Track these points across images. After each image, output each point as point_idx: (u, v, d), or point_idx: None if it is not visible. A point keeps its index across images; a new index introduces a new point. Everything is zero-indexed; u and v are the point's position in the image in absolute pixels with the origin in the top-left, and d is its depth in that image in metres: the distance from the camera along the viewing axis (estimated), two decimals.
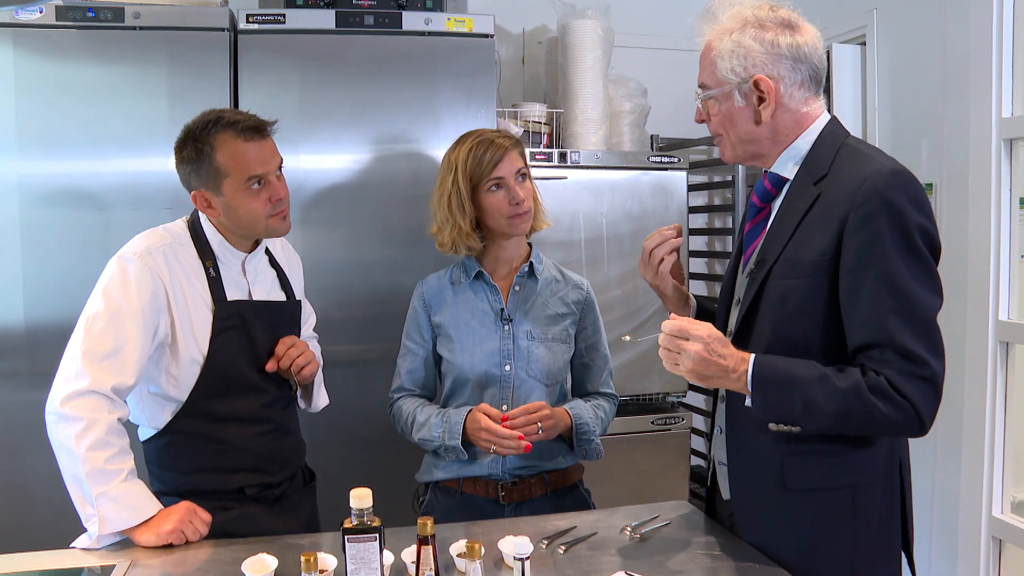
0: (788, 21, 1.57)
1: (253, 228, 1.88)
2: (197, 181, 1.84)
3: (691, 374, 1.47)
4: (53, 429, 1.70)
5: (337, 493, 2.03)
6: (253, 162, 1.82)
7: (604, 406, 2.10)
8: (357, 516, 1.38)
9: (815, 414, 1.44)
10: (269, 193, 1.84)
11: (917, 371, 1.42)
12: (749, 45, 1.53)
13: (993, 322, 2.55)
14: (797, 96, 1.57)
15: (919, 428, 1.44)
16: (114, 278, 1.77)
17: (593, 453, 2.03)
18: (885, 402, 1.41)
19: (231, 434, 1.87)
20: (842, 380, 1.43)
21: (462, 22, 2.73)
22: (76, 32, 2.52)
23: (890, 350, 1.42)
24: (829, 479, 1.54)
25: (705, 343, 1.45)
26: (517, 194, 1.96)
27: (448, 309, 2.05)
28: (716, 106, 1.60)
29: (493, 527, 1.75)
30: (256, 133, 1.83)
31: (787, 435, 1.50)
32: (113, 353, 1.72)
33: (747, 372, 1.46)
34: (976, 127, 2.59)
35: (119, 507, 1.66)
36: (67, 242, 2.54)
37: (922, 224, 1.45)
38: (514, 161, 1.98)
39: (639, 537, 1.71)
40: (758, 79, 1.54)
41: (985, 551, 2.60)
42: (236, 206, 1.83)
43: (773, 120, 1.57)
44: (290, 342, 1.92)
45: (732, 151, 1.64)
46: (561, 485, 2.04)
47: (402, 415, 2.04)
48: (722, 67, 1.55)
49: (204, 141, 1.81)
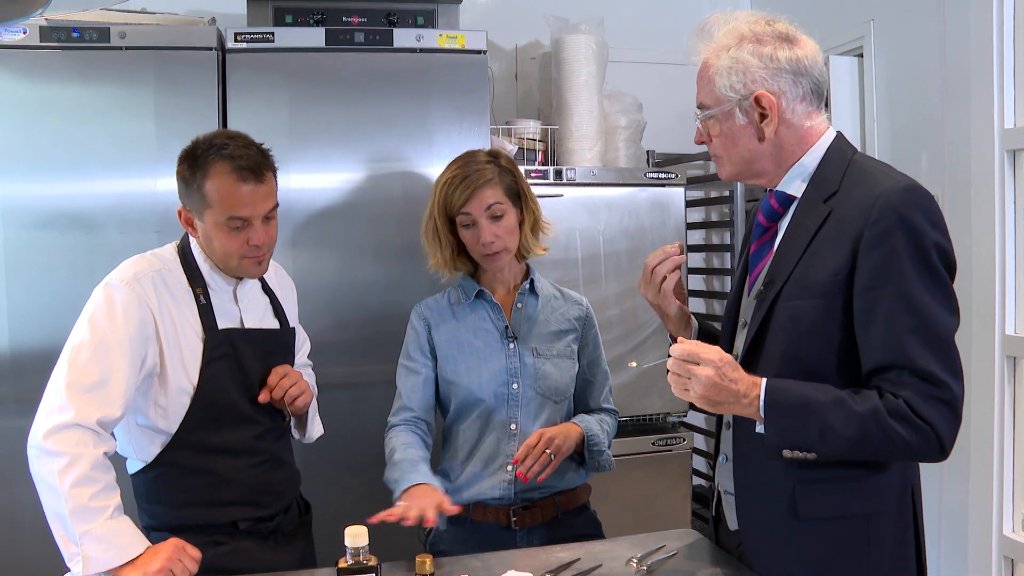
0: (786, 35, 1.52)
1: (225, 263, 1.82)
2: (185, 198, 1.80)
3: (701, 399, 1.41)
4: (35, 464, 1.63)
5: (332, 521, 1.98)
6: (238, 204, 1.75)
7: (608, 420, 2.08)
8: (352, 555, 1.33)
9: (831, 439, 1.39)
10: (248, 236, 1.78)
11: (937, 393, 1.37)
12: (747, 61, 1.49)
13: (1000, 336, 2.51)
14: (799, 111, 1.52)
15: (939, 453, 1.40)
16: (100, 306, 1.72)
17: (606, 464, 2.00)
18: (905, 426, 1.37)
19: (223, 466, 1.81)
20: (859, 404, 1.38)
21: (454, 38, 2.70)
22: (61, 53, 2.48)
23: (908, 372, 1.38)
24: (842, 508, 1.49)
25: (716, 367, 1.39)
26: (483, 235, 1.94)
27: (450, 329, 2.01)
28: (717, 126, 1.55)
29: (496, 560, 1.69)
30: (251, 175, 1.75)
31: (798, 462, 1.44)
32: (99, 385, 1.66)
33: (759, 397, 1.41)
34: (978, 138, 2.56)
35: (104, 546, 1.59)
36: (52, 265, 2.49)
37: (938, 242, 1.41)
38: (484, 199, 1.93)
39: (645, 569, 1.65)
40: (759, 95, 1.49)
41: (996, 571, 2.55)
42: (212, 238, 1.78)
43: (776, 137, 1.52)
44: (283, 372, 1.87)
45: (732, 169, 1.59)
46: (571, 506, 2.01)
47: (388, 448, 1.96)
48: (721, 85, 1.51)
49: (200, 164, 1.75)
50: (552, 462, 1.86)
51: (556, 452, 1.86)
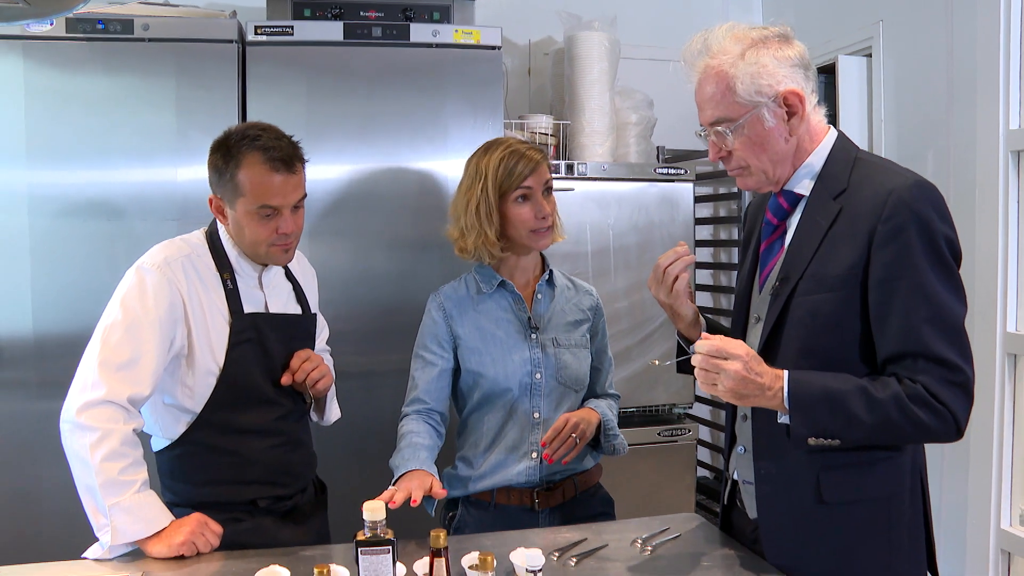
0: (783, 34, 1.56)
1: (254, 250, 1.88)
2: (217, 187, 1.85)
3: (729, 393, 1.46)
4: (68, 438, 1.69)
5: (346, 506, 2.03)
6: (270, 193, 1.81)
7: (614, 405, 2.15)
8: (370, 528, 1.38)
9: (855, 426, 1.44)
10: (278, 224, 1.84)
11: (952, 377, 1.43)
12: (766, 62, 1.51)
13: (1001, 334, 2.56)
14: (813, 103, 1.57)
15: (956, 433, 1.46)
16: (132, 288, 1.77)
17: (620, 448, 2.05)
18: (925, 410, 1.42)
19: (245, 446, 1.86)
20: (880, 391, 1.44)
21: (469, 34, 2.74)
22: (86, 44, 2.54)
23: (924, 359, 1.43)
24: (864, 491, 1.54)
25: (744, 361, 1.44)
26: (544, 207, 1.97)
27: (471, 319, 2.02)
28: (742, 135, 1.55)
29: (506, 539, 1.75)
30: (284, 166, 1.81)
31: (819, 449, 1.49)
32: (130, 364, 1.72)
33: (783, 389, 1.46)
34: (983, 139, 2.59)
35: (132, 518, 1.66)
36: (75, 252, 2.55)
37: (947, 234, 1.47)
38: (543, 173, 1.99)
39: (649, 550, 1.71)
40: (787, 93, 1.52)
41: (994, 565, 2.59)
42: (243, 225, 1.83)
43: (796, 135, 1.56)
44: (305, 355, 1.92)
45: (758, 178, 1.60)
46: (587, 486, 2.07)
47: (399, 434, 1.98)
48: (744, 91, 1.51)
49: (234, 154, 1.80)
50: (577, 445, 1.92)
51: (580, 436, 1.92)
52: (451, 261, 2.70)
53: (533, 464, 1.98)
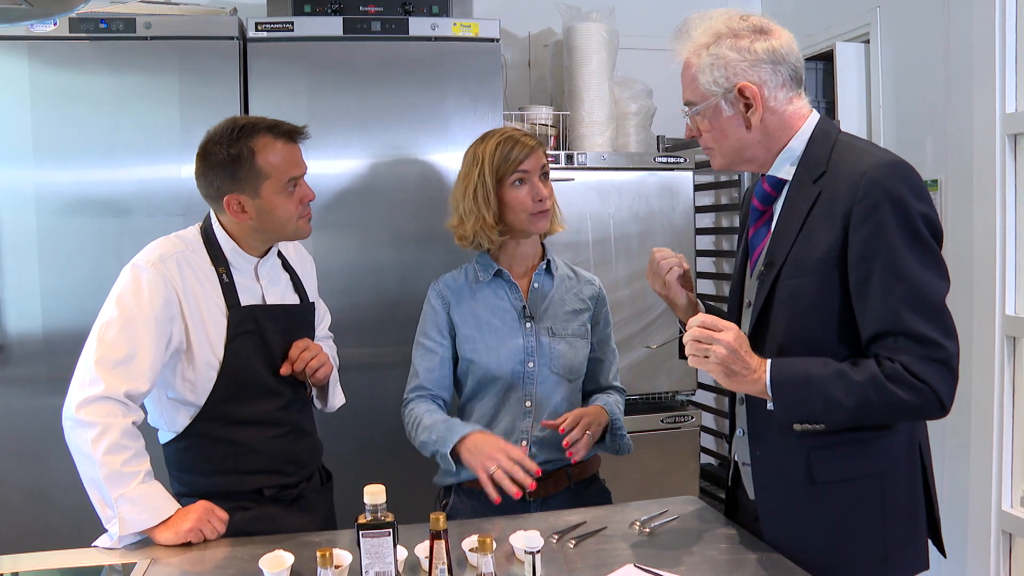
0: (761, 27, 1.60)
1: (283, 229, 1.91)
2: (232, 185, 1.84)
3: (719, 368, 1.49)
4: (70, 434, 1.73)
5: (349, 495, 2.05)
6: (294, 163, 1.87)
7: (620, 400, 2.15)
8: (371, 512, 1.41)
9: (836, 410, 1.47)
10: (302, 195, 1.89)
11: (931, 354, 1.45)
12: (727, 55, 1.57)
13: (1000, 317, 2.57)
14: (781, 97, 1.60)
15: (940, 410, 1.47)
16: (127, 286, 1.80)
17: (626, 447, 2.07)
18: (904, 388, 1.44)
19: (248, 437, 1.89)
20: (858, 374, 1.46)
21: (468, 27, 2.76)
22: (89, 43, 2.57)
23: (903, 337, 1.45)
24: (856, 469, 1.57)
25: (736, 334, 1.48)
26: (540, 190, 2.00)
27: (468, 307, 2.06)
28: (706, 120, 1.63)
29: (505, 523, 1.78)
30: (291, 138, 1.88)
31: (809, 433, 1.52)
32: (126, 360, 1.75)
33: (766, 373, 1.49)
34: (980, 123, 2.61)
35: (138, 508, 1.70)
36: (83, 249, 2.59)
37: (924, 211, 1.48)
38: (539, 158, 2.02)
39: (648, 531, 1.74)
40: (742, 86, 1.57)
41: (995, 545, 2.61)
42: (273, 207, 1.86)
43: (763, 124, 1.60)
44: (303, 345, 1.95)
45: (724, 160, 1.67)
46: (582, 477, 2.08)
47: (411, 417, 2.02)
48: (704, 81, 1.58)
49: (242, 145, 1.82)
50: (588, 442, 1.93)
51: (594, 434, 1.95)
52: (453, 253, 2.72)
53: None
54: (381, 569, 1.41)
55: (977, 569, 2.68)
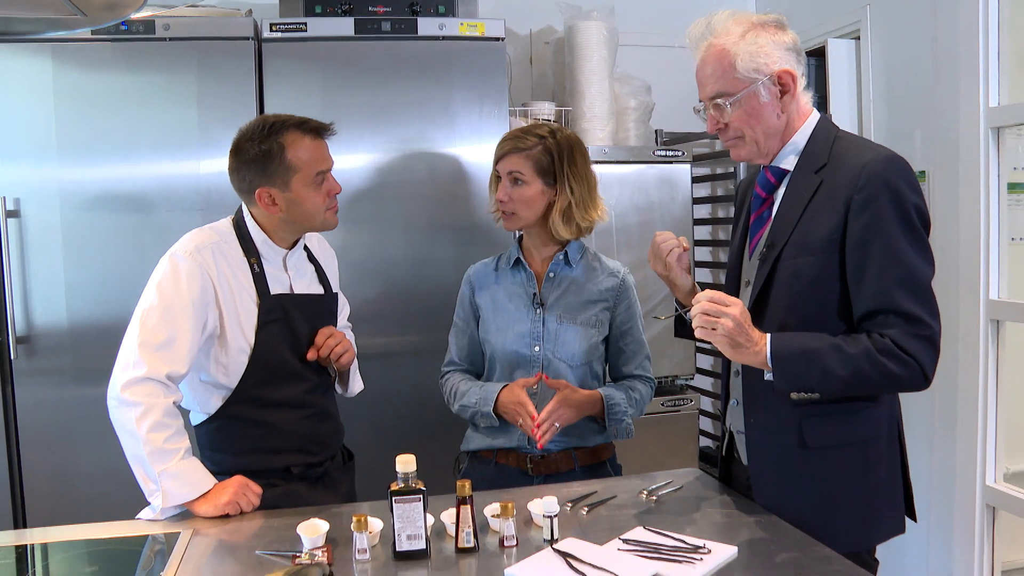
0: (780, 22, 1.73)
1: (312, 221, 2.01)
2: (263, 179, 1.94)
3: (726, 339, 1.58)
4: (115, 413, 1.83)
5: (367, 473, 2.20)
6: (322, 158, 1.98)
7: (640, 388, 2.19)
8: (403, 479, 1.53)
9: (831, 379, 1.59)
10: (329, 187, 2.00)
11: (918, 331, 1.58)
12: (764, 43, 1.67)
13: (984, 301, 2.68)
14: (803, 87, 1.73)
15: (924, 381, 1.61)
16: (166, 274, 1.90)
17: (624, 432, 2.16)
18: (893, 360, 1.57)
19: (277, 418, 1.99)
20: (852, 346, 1.59)
21: (474, 27, 2.86)
22: (110, 45, 2.66)
23: (894, 315, 1.59)
24: (844, 436, 1.70)
25: (742, 308, 1.59)
26: (500, 192, 2.14)
27: (489, 291, 2.21)
28: (739, 108, 1.70)
29: (521, 494, 1.89)
30: (319, 133, 1.99)
31: (803, 402, 1.64)
32: (167, 344, 1.85)
33: (767, 346, 1.61)
34: (965, 116, 2.72)
35: (179, 482, 1.80)
36: (105, 244, 2.68)
37: (917, 203, 1.62)
38: (508, 163, 2.12)
39: (655, 499, 1.86)
40: (782, 72, 1.68)
41: (980, 518, 2.73)
42: (302, 200, 1.96)
43: (787, 112, 1.72)
44: (328, 332, 2.05)
45: (750, 148, 1.75)
46: (590, 462, 2.17)
47: (447, 387, 2.22)
48: (743, 67, 1.67)
49: (273, 141, 1.92)
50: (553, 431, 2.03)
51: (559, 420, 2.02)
52: (464, 245, 2.85)
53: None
54: (412, 532, 1.53)
55: (963, 540, 2.80)
